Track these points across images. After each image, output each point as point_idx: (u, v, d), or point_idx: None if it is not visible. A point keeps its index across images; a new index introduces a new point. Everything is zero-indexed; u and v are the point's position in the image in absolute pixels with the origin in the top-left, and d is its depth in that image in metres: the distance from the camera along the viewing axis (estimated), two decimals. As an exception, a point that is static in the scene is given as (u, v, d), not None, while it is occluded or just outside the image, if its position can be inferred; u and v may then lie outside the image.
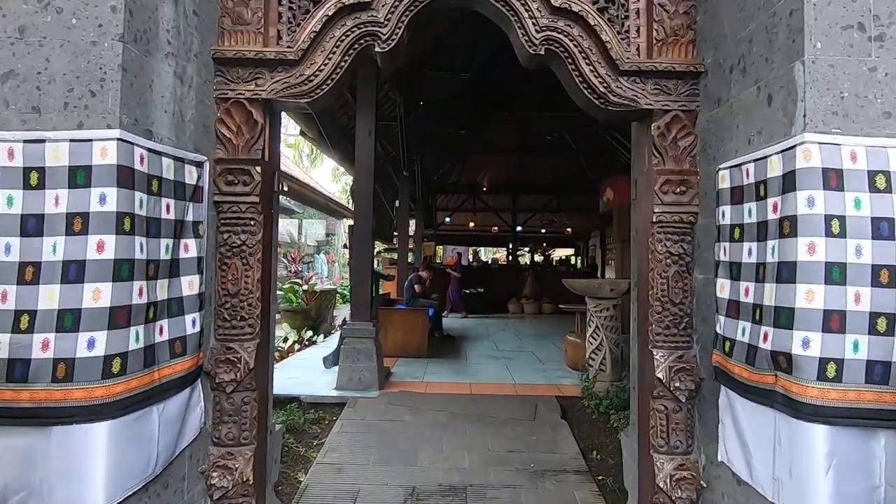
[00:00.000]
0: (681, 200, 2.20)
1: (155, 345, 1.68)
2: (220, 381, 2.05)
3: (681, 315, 2.18)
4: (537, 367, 7.41)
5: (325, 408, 5.32)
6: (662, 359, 2.15)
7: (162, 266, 1.72)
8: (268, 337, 2.29)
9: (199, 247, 1.95)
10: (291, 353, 8.21)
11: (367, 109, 6.07)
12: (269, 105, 2.21)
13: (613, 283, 6.04)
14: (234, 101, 2.14)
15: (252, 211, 2.14)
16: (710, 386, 2.11)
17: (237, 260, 2.11)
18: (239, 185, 2.13)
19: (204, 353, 2.04)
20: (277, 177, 2.36)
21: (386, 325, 7.69)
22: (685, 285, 2.19)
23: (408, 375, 6.59)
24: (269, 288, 2.28)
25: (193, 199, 1.93)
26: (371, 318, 6.02)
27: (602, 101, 2.23)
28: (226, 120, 2.13)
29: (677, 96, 2.22)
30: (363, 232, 6.07)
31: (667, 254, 2.19)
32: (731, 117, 1.99)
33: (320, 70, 2.17)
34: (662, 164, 2.22)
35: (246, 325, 2.12)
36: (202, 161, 2.01)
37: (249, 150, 2.15)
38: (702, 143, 2.21)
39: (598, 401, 5.29)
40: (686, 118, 2.22)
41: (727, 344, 1.92)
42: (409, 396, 5.58)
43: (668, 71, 2.19)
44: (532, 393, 5.92)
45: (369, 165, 6.05)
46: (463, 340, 9.53)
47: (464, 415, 5.05)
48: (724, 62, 2.06)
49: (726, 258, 1.96)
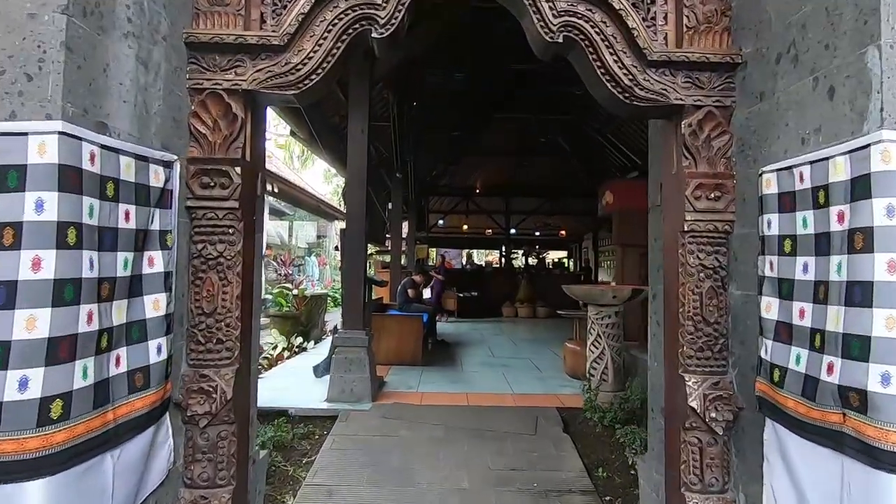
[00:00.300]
0: (715, 207, 1.96)
1: (109, 379, 1.40)
2: (193, 413, 1.77)
3: (715, 336, 1.94)
4: (535, 375, 7.18)
5: (315, 421, 5.05)
6: (696, 385, 1.91)
7: (119, 284, 1.44)
8: (249, 361, 2.02)
9: (166, 260, 1.68)
10: (280, 361, 7.90)
11: (359, 108, 5.81)
12: (251, 97, 1.94)
13: (616, 290, 5.82)
14: (210, 92, 1.87)
15: (231, 218, 1.87)
16: (750, 417, 1.87)
17: (213, 274, 1.84)
18: (216, 188, 1.86)
19: (172, 383, 1.76)
20: (261, 179, 2.09)
21: (379, 332, 7.42)
22: (720, 302, 1.95)
23: (402, 385, 6.32)
24: (251, 306, 2.01)
25: (160, 204, 1.65)
26: (364, 326, 5.75)
27: (627, 95, 1.98)
28: (200, 114, 1.86)
29: (710, 90, 1.98)
30: (356, 235, 5.80)
31: (699, 267, 1.95)
32: (777, 113, 1.76)
33: (309, 58, 1.90)
34: (694, 167, 1.98)
35: (223, 348, 1.84)
36: (171, 160, 1.74)
37: (228, 149, 1.88)
38: (739, 143, 1.98)
39: (602, 413, 5.06)
40: (720, 115, 1.98)
41: (776, 372, 1.68)
42: (404, 409, 5.32)
43: (701, 62, 1.95)
44: (531, 404, 5.68)
45: (362, 166, 5.78)
46: (457, 346, 9.28)
47: (461, 429, 4.80)
48: (767, 51, 1.82)
49: (773, 273, 1.72)
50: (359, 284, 5.78)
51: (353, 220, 5.83)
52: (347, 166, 5.91)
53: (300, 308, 9.79)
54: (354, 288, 5.77)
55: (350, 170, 5.89)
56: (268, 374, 6.78)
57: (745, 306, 1.91)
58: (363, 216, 5.79)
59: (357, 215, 5.80)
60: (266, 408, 5.08)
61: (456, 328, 11.79)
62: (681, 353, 1.95)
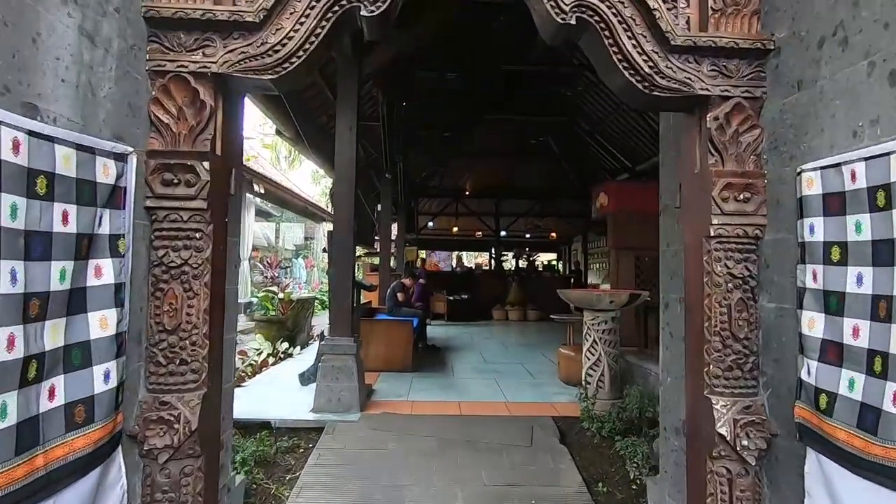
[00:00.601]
0: (744, 209, 1.76)
1: (39, 416, 1.15)
2: (151, 447, 1.52)
3: (746, 353, 1.73)
4: (529, 381, 6.97)
5: (300, 434, 4.79)
6: (725, 409, 1.70)
7: (54, 300, 1.19)
8: (219, 384, 1.77)
9: (118, 269, 1.42)
10: (265, 368, 7.60)
11: (348, 105, 5.56)
12: (222, 82, 1.70)
13: (613, 295, 5.63)
14: (174, 75, 1.62)
15: (197, 220, 1.62)
16: (786, 446, 1.67)
17: (176, 284, 1.59)
18: (180, 185, 1.61)
19: (125, 414, 1.50)
20: (235, 176, 1.85)
21: (367, 338, 7.17)
22: (750, 316, 1.74)
23: (391, 393, 6.08)
24: (223, 319, 1.76)
25: (111, 204, 1.40)
26: (351, 333, 5.49)
27: (646, 84, 1.77)
28: (163, 100, 1.62)
29: (739, 80, 1.78)
30: (344, 238, 5.54)
31: (728, 276, 1.74)
32: (821, 104, 1.55)
33: (289, 38, 1.66)
34: (721, 165, 1.77)
35: (188, 370, 1.60)
36: (125, 153, 1.49)
37: (195, 141, 1.63)
38: (771, 139, 1.77)
39: (600, 424, 4.86)
40: (750, 107, 1.77)
41: (822, 398, 1.47)
42: (394, 419, 5.07)
43: (729, 48, 1.74)
44: (526, 413, 5.47)
45: (350, 165, 5.54)
46: (448, 351, 9.06)
47: (454, 440, 4.57)
48: (807, 34, 1.62)
49: (817, 285, 1.52)
50: (346, 289, 5.52)
51: (340, 222, 5.57)
52: (335, 166, 5.66)
53: (286, 312, 9.50)
54: (342, 293, 5.51)
55: (338, 169, 5.64)
56: (251, 382, 6.50)
57: (780, 321, 1.71)
58: (351, 217, 5.54)
59: (345, 216, 5.55)
60: (248, 420, 4.81)
61: (446, 332, 11.57)
62: (707, 372, 1.74)
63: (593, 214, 8.27)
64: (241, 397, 5.54)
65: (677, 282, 2.35)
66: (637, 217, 7.56)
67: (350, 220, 5.54)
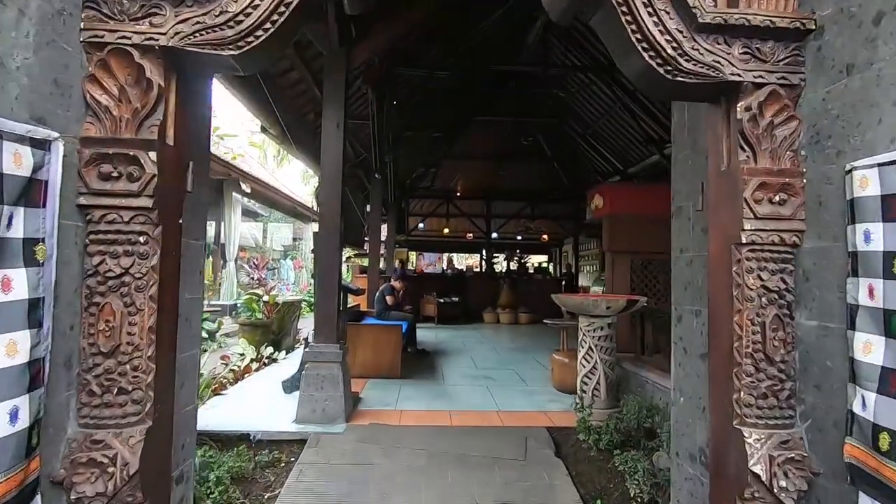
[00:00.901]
0: (780, 213, 1.53)
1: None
2: (80, 495, 1.26)
3: (782, 378, 1.50)
4: (521, 388, 6.75)
5: (281, 446, 4.53)
6: (759, 444, 1.47)
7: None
8: (171, 414, 1.50)
9: (34, 282, 1.16)
10: (248, 374, 7.30)
11: (335, 101, 5.30)
12: (175, 58, 1.43)
13: (610, 301, 5.41)
14: (114, 48, 1.36)
15: (142, 221, 1.36)
16: (831, 488, 1.44)
17: (115, 298, 1.33)
18: (121, 179, 1.35)
19: (43, 458, 1.24)
20: (193, 170, 1.58)
21: (354, 343, 6.90)
22: (787, 335, 1.51)
23: (379, 402, 5.82)
24: (175, 338, 1.50)
25: (25, 201, 1.14)
26: (337, 340, 5.23)
27: (669, 68, 1.54)
28: (101, 78, 1.35)
29: (774, 64, 1.55)
30: (330, 239, 5.28)
31: (762, 289, 1.51)
32: (878, 90, 1.32)
33: (253, 6, 1.41)
34: (753, 162, 1.54)
35: (128, 400, 1.33)
36: (47, 139, 1.22)
37: (139, 127, 1.37)
38: (811, 132, 1.55)
39: (597, 436, 4.64)
40: (787, 96, 1.54)
41: (883, 437, 1.24)
42: (381, 431, 4.82)
43: (764, 27, 1.51)
44: (519, 423, 5.25)
45: (337, 164, 5.27)
46: (438, 356, 8.82)
47: (444, 454, 4.33)
48: (859, 10, 1.39)
49: (875, 303, 1.29)
50: (332, 293, 5.25)
51: (326, 223, 5.30)
52: (321, 164, 5.40)
53: (271, 315, 9.20)
54: (327, 297, 5.24)
55: (324, 168, 5.37)
56: (232, 389, 6.20)
57: (822, 341, 1.48)
58: (338, 218, 5.28)
59: (331, 217, 5.28)
60: (226, 431, 4.54)
61: (436, 335, 11.33)
62: (737, 400, 1.51)
63: (587, 217, 8.07)
64: (220, 406, 5.29)
65: (693, 293, 2.13)
66: (633, 220, 7.38)
67: (336, 221, 5.27)
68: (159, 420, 1.39)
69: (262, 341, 8.67)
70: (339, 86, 5.31)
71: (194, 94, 1.64)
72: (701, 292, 2.05)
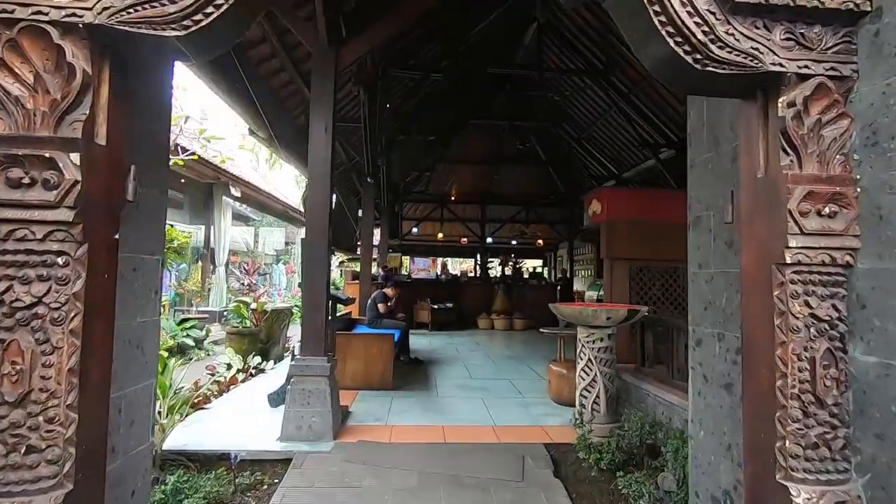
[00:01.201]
0: (830, 228, 1.29)
1: None
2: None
3: (835, 425, 1.26)
4: (517, 400, 6.51)
5: (264, 467, 4.27)
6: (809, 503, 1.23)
7: None
8: (98, 474, 1.23)
9: None
10: (234, 386, 7.00)
11: (323, 101, 5.05)
12: (106, 39, 1.17)
13: (610, 311, 5.18)
14: (27, 26, 1.11)
15: (60, 238, 1.10)
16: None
17: (25, 334, 1.07)
18: (34, 187, 1.09)
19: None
20: (133, 176, 1.33)
21: (344, 353, 6.65)
22: (840, 373, 1.28)
23: (369, 416, 5.56)
24: (108, 380, 1.24)
25: None
26: (325, 352, 4.97)
27: (698, 56, 1.30)
28: (10, 61, 1.10)
29: (822, 52, 1.32)
30: (317, 246, 5.02)
31: (810, 318, 1.27)
32: (960, 80, 1.10)
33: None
34: (798, 167, 1.30)
35: (40, 460, 1.07)
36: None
37: (59, 123, 1.11)
38: (866, 132, 1.31)
39: (598, 454, 4.40)
40: (836, 90, 1.31)
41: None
42: (371, 449, 4.56)
43: (811, 8, 1.28)
44: (516, 439, 5.01)
45: (325, 166, 5.02)
46: (431, 365, 8.57)
47: (437, 474, 4.08)
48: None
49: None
50: (320, 303, 4.99)
51: (314, 228, 5.04)
52: (308, 167, 5.14)
53: (259, 323, 8.92)
54: (315, 307, 4.98)
55: (311, 171, 5.11)
56: (216, 403, 5.92)
57: (884, 381, 1.24)
58: (326, 223, 5.02)
59: (319, 223, 5.02)
60: (205, 452, 4.27)
61: (430, 342, 11.09)
62: (781, 449, 1.27)
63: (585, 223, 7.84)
64: (201, 422, 5.00)
65: (714, 314, 1.89)
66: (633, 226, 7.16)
67: (325, 227, 5.01)
68: (84, 482, 1.13)
69: (249, 350, 8.39)
70: (328, 85, 5.07)
71: (142, 84, 1.39)
72: (725, 314, 1.81)
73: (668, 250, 7.06)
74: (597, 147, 13.82)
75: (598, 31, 9.62)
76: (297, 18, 5.28)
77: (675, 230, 7.34)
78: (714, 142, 1.90)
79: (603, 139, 13.29)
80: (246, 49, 6.25)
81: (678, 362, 5.31)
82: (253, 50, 6.36)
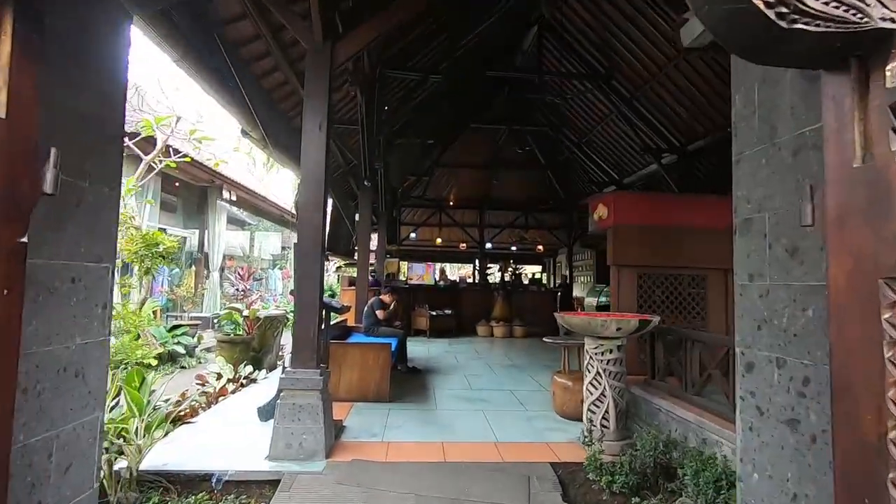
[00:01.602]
0: (956, 231, 1.00)
1: None
2: None
3: (968, 489, 0.97)
4: (520, 413, 6.19)
5: (251, 489, 3.95)
6: None
7: None
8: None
9: None
10: (223, 397, 6.66)
11: (317, 100, 4.75)
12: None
13: (621, 321, 4.88)
14: None
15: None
16: None
17: None
18: None
19: None
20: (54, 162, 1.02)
21: (339, 363, 6.32)
22: (971, 420, 0.98)
23: (364, 431, 5.23)
24: (10, 424, 0.93)
25: None
26: (318, 364, 4.65)
27: (784, 9, 1.01)
28: None
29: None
30: (310, 253, 4.71)
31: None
32: None
33: None
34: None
35: None
36: None
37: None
38: None
39: (610, 476, 4.08)
40: (960, 54, 1.03)
41: None
42: (365, 469, 4.23)
43: (931, -54, 1.00)
44: (520, 457, 4.68)
45: (319, 168, 4.72)
46: (430, 374, 8.25)
47: (436, 498, 3.77)
48: None
49: None
50: (312, 312, 4.67)
51: (306, 234, 4.72)
52: (301, 169, 4.84)
53: (251, 331, 8.60)
54: (307, 316, 4.66)
55: (304, 173, 4.81)
56: (203, 416, 5.59)
57: None
58: (319, 228, 4.71)
59: (312, 227, 4.71)
60: (186, 472, 3.94)
61: (428, 350, 10.78)
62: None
63: (590, 228, 7.55)
64: (185, 438, 4.65)
65: (772, 334, 1.59)
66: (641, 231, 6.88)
67: (318, 232, 4.70)
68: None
69: (241, 359, 8.06)
70: (322, 84, 4.78)
71: (76, 50, 1.09)
72: (786, 335, 1.51)
73: (682, 256, 6.80)
74: (597, 152, 13.59)
75: (599, 34, 9.40)
76: (292, 13, 5.01)
77: (688, 235, 7.05)
78: (770, 131, 1.60)
79: (603, 144, 13.06)
80: (239, 46, 5.98)
81: (692, 376, 5.02)
82: (245, 48, 6.08)
